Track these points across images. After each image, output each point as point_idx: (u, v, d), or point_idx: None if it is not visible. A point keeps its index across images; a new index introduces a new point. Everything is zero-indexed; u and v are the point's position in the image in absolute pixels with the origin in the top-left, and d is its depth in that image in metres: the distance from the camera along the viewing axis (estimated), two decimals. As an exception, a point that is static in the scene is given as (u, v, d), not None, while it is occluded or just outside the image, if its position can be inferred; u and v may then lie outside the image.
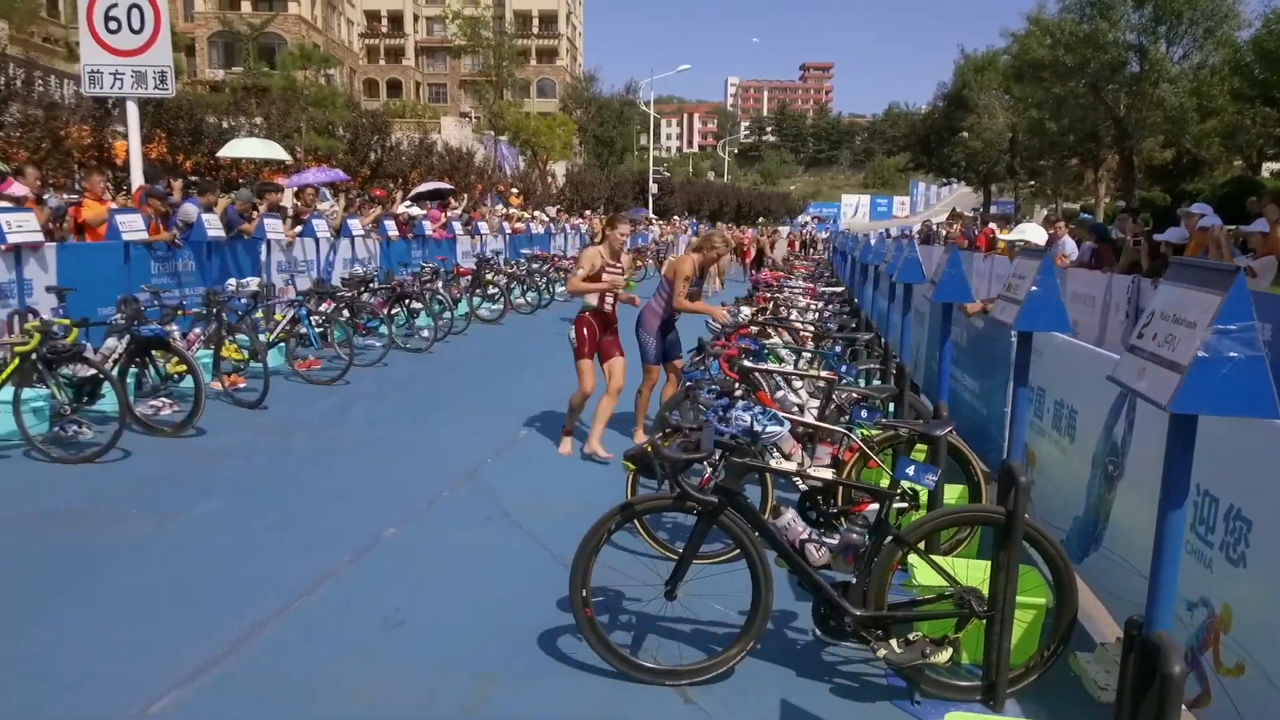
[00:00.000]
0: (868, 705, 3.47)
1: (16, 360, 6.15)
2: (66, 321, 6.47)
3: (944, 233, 28.91)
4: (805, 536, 3.41)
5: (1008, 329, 3.58)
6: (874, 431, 4.93)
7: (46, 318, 6.23)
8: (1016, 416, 3.45)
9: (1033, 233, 6.84)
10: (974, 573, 3.78)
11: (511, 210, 23.35)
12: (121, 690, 3.39)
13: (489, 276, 15.97)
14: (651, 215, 43.49)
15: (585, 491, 6.01)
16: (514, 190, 30.18)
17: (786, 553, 3.40)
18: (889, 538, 3.38)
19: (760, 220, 63.54)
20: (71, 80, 19.90)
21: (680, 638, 3.88)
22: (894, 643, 3.31)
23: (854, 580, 3.39)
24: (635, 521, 4.46)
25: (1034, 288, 3.20)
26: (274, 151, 16.09)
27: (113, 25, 11.84)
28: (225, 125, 19.69)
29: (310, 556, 4.76)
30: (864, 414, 4.64)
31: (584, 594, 3.44)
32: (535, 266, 17.90)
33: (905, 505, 4.04)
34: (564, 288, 19.24)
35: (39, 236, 7.50)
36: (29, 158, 13.89)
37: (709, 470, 4.37)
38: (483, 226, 19.16)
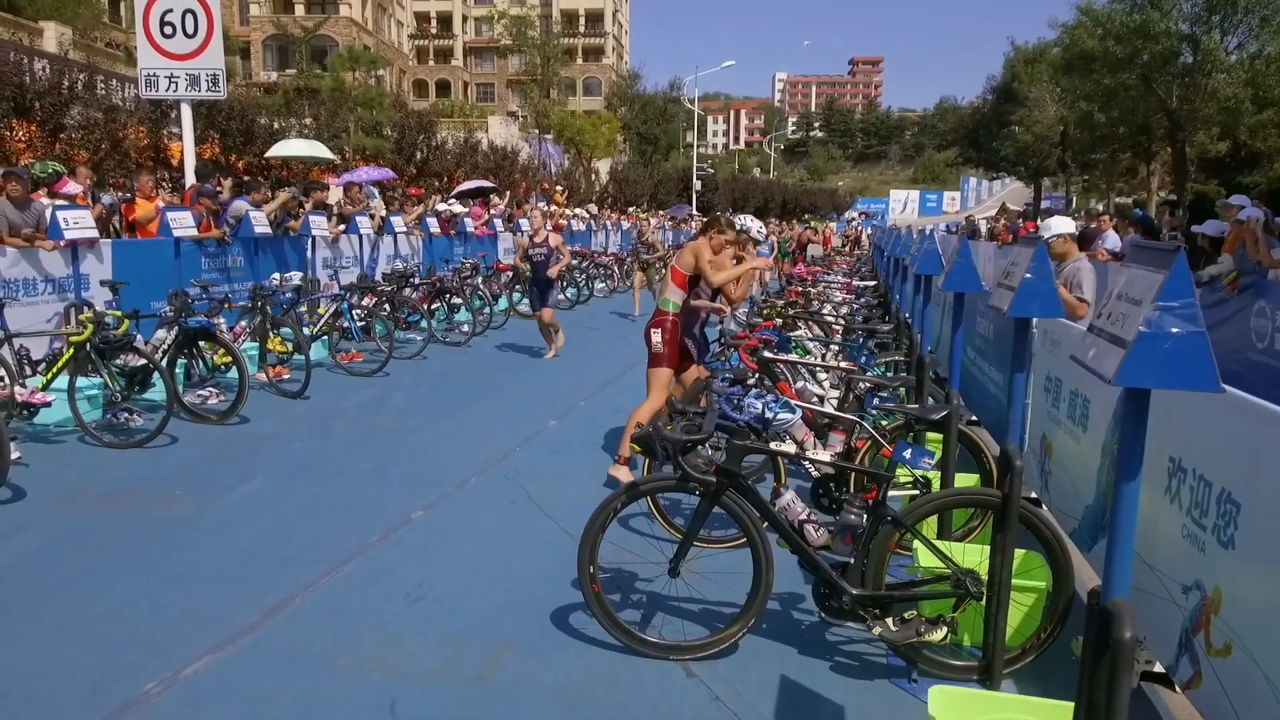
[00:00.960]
0: (866, 683, 3.57)
1: (71, 350, 6.49)
2: (119, 314, 6.81)
3: (991, 228, 28.54)
4: (804, 517, 3.52)
5: (999, 314, 3.64)
6: (889, 420, 5.02)
7: (100, 310, 6.57)
8: (1013, 402, 3.52)
9: (1060, 225, 6.81)
10: (971, 556, 3.86)
11: (554, 208, 23.61)
12: (163, 654, 3.64)
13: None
14: (695, 212, 43.56)
15: (605, 482, 6.17)
16: (559, 188, 30.51)
17: (786, 532, 3.51)
18: (886, 519, 3.48)
19: (806, 216, 63.20)
20: (131, 84, 20.62)
21: (684, 615, 4.02)
22: (889, 621, 3.41)
23: (852, 560, 3.50)
24: (649, 504, 4.62)
25: (1027, 274, 3.27)
26: (319, 151, 16.53)
27: (168, 30, 12.28)
28: (276, 126, 20.24)
29: (342, 535, 4.99)
30: (875, 401, 4.72)
31: (591, 570, 3.60)
32: (576, 263, 18.11)
33: (916, 493, 4.14)
34: (603, 285, 19.46)
35: (94, 233, 7.88)
36: (89, 159, 14.48)
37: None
38: (524, 224, 19.41)
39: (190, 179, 12.07)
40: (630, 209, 33.28)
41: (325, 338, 10.00)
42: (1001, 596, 3.43)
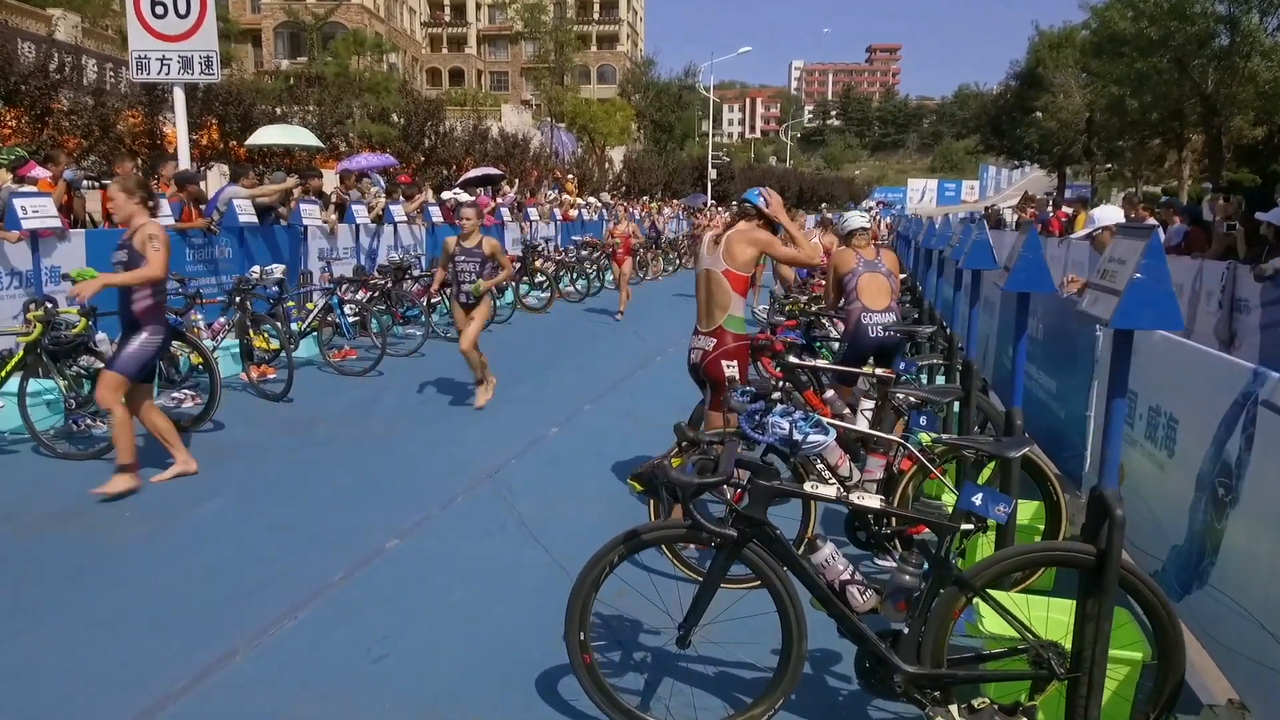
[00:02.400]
0: (922, 777, 2.89)
1: (21, 353, 5.87)
2: (74, 311, 6.18)
3: (1016, 217, 27.58)
4: (847, 577, 2.83)
5: (1100, 324, 2.93)
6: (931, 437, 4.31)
7: (51, 307, 5.94)
8: (1110, 434, 2.81)
9: (1110, 215, 6.04)
10: (1053, 615, 3.15)
11: (565, 196, 22.92)
12: (60, 732, 3.00)
13: (536, 264, 15.56)
14: (711, 201, 42.73)
15: (609, 500, 5.49)
16: (569, 177, 29.76)
17: (824, 595, 2.82)
18: (950, 580, 2.78)
19: (823, 205, 62.14)
20: (106, 63, 20.01)
21: (698, 684, 3.34)
22: (954, 710, 2.72)
23: (906, 630, 2.80)
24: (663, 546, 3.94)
25: (1137, 275, 2.54)
26: (302, 137, 15.86)
27: (159, 10, 11.63)
28: (280, 112, 19.60)
29: (303, 569, 4.34)
30: (923, 420, 4.02)
31: (582, 637, 2.92)
32: (585, 254, 17.42)
33: (970, 527, 3.44)
34: (614, 275, 18.75)
35: (56, 222, 7.25)
36: (79, 144, 13.88)
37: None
38: (532, 213, 18.76)
39: (185, 165, 11.45)
40: (644, 198, 32.51)
41: (315, 334, 9.37)
42: (1094, 678, 2.74)
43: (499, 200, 17.84)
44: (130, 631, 3.71)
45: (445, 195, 15.92)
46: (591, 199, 24.52)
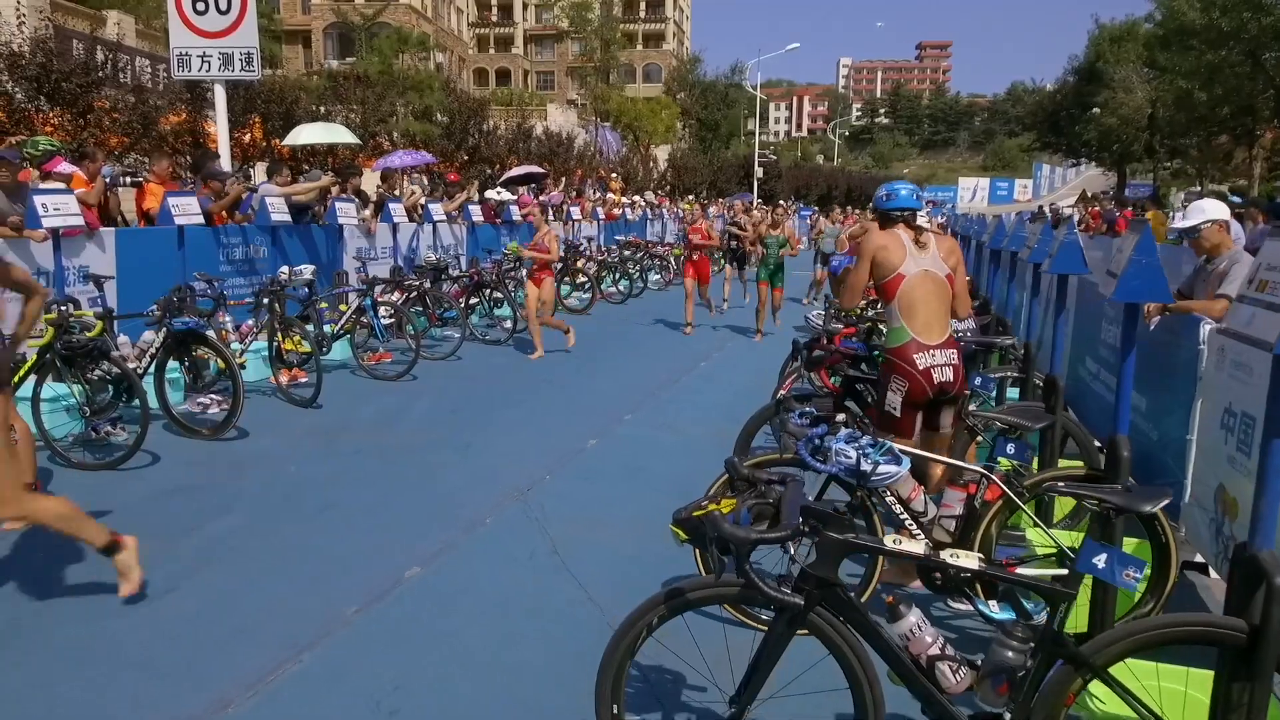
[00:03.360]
0: None
1: (34, 356, 5.59)
2: (90, 314, 5.89)
3: (1075, 216, 26.57)
4: (937, 651, 2.33)
5: (1264, 348, 2.39)
6: (1012, 464, 3.77)
7: (65, 310, 5.65)
8: (1268, 481, 2.27)
9: (1217, 210, 5.39)
10: (1190, 691, 2.63)
11: (609, 195, 22.51)
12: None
13: (578, 264, 15.17)
14: (756, 199, 42.05)
15: (648, 525, 4.99)
16: (614, 175, 29.38)
17: (908, 671, 2.33)
18: (1064, 657, 2.27)
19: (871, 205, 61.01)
20: (148, 60, 20.02)
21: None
22: (1070, 819, 2.21)
23: (1009, 716, 2.30)
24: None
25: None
26: (340, 135, 15.64)
27: (200, 6, 11.47)
28: (323, 110, 19.48)
29: (312, 601, 3.95)
30: (1010, 449, 3.50)
31: (615, 710, 2.47)
32: (628, 254, 16.98)
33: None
34: (658, 277, 18.26)
35: (78, 220, 6.99)
36: (121, 142, 13.81)
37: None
38: (575, 212, 18.38)
39: (226, 163, 11.26)
40: (690, 197, 32.00)
41: (348, 337, 9.04)
42: (1244, 781, 2.22)
43: (543, 198, 17.47)
44: (115, 669, 3.35)
45: (488, 195, 15.59)
46: (637, 198, 24.09)
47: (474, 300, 11.74)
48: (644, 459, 6.33)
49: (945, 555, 2.34)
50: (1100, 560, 2.22)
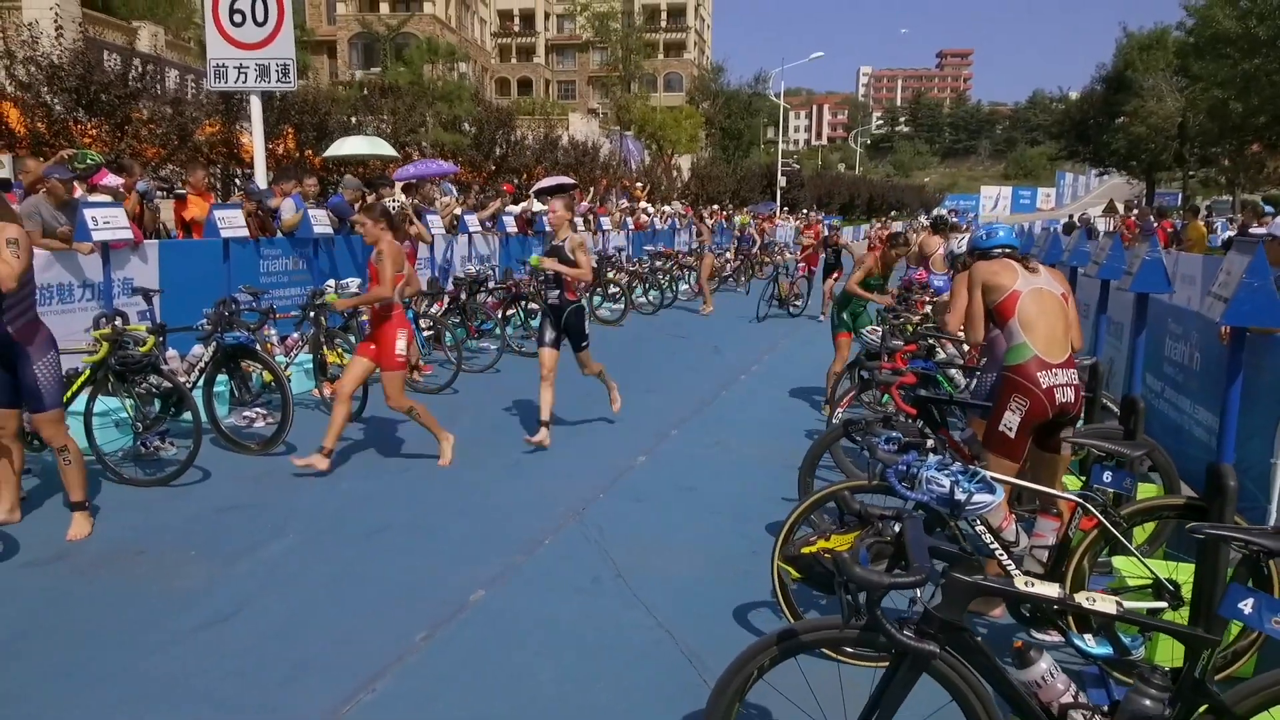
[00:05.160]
0: None
1: (88, 371, 5.56)
2: (142, 329, 5.86)
3: (1107, 226, 26.25)
4: (1069, 700, 2.21)
5: None
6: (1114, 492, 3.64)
7: (119, 324, 5.61)
8: None
9: (1287, 226, 5.25)
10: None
11: (642, 204, 22.43)
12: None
13: (610, 275, 15.10)
14: (779, 208, 41.89)
15: (709, 550, 4.92)
16: (639, 185, 29.32)
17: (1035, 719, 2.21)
18: (1206, 705, 2.14)
19: (893, 213, 60.70)
20: (185, 73, 20.14)
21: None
22: None
23: (1145, 769, 2.17)
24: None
25: None
26: (380, 148, 15.65)
27: (237, 18, 11.48)
28: (354, 121, 19.52)
29: (378, 627, 3.87)
30: (1107, 477, 3.37)
31: (723, 756, 2.36)
32: (659, 264, 16.90)
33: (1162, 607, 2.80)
34: (687, 286, 18.17)
35: (127, 233, 6.98)
36: (157, 153, 13.87)
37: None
38: (605, 222, 18.33)
39: (260, 174, 11.27)
40: (714, 206, 31.88)
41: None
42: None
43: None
44: (185, 703, 3.27)
45: (520, 206, 15.57)
46: (665, 208, 24.01)
47: (509, 312, 11.68)
48: (695, 477, 6.22)
49: (1080, 599, 2.22)
50: (1247, 606, 2.10)
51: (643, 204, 23.04)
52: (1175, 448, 5.74)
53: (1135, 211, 20.48)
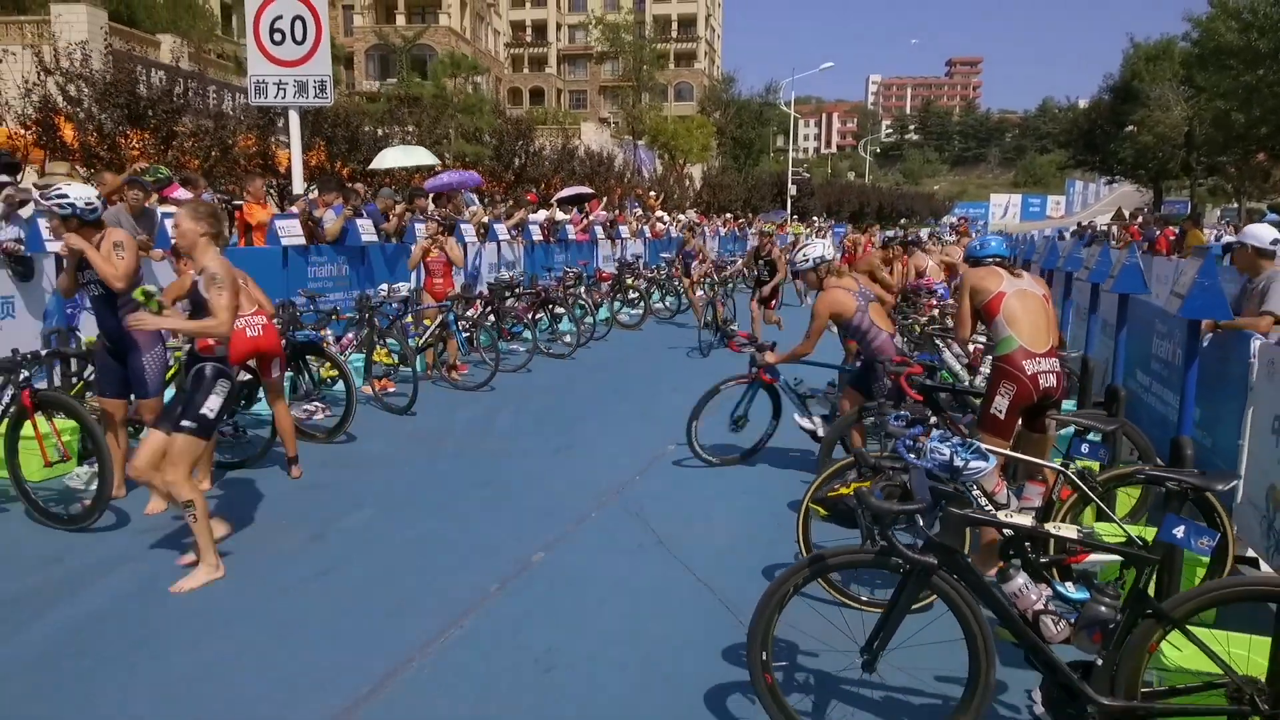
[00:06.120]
0: (1112, 813, 2.85)
1: (176, 365, 6.21)
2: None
3: (1114, 231, 26.78)
4: (1040, 607, 2.82)
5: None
6: (1089, 465, 4.24)
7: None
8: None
9: (1252, 235, 5.84)
10: (1251, 655, 3.08)
11: (657, 213, 23.09)
12: (265, 729, 3.18)
13: (629, 281, 15.74)
14: (790, 216, 42.50)
15: (742, 518, 5.56)
16: (652, 194, 30.00)
17: (1016, 625, 2.82)
18: (1148, 612, 2.75)
19: (903, 221, 61.22)
20: (239, 93, 20.89)
21: (879, 708, 3.35)
22: (1154, 743, 2.68)
23: (1100, 661, 2.78)
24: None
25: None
26: (420, 157, 16.34)
27: (277, 37, 12.14)
28: (380, 133, 20.24)
29: (457, 580, 4.50)
30: (1084, 448, 3.96)
31: (764, 657, 2.97)
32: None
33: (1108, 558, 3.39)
34: (702, 293, 18.79)
35: (204, 242, 7.63)
36: (199, 165, 14.59)
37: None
38: (624, 230, 18.98)
39: (298, 186, 11.95)
40: (726, 215, 32.54)
41: (431, 349, 9.64)
42: (1300, 717, 2.67)
43: (591, 218, 18.10)
44: (308, 639, 3.89)
45: (542, 214, 16.22)
46: (681, 216, 24.66)
47: (537, 316, 12.32)
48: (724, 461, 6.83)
49: (1049, 527, 2.84)
50: (1179, 531, 2.70)
51: (658, 213, 23.69)
52: (1162, 435, 6.32)
53: (1139, 220, 21.03)
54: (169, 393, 6.37)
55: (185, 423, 4.40)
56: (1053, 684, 2.86)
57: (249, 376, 6.45)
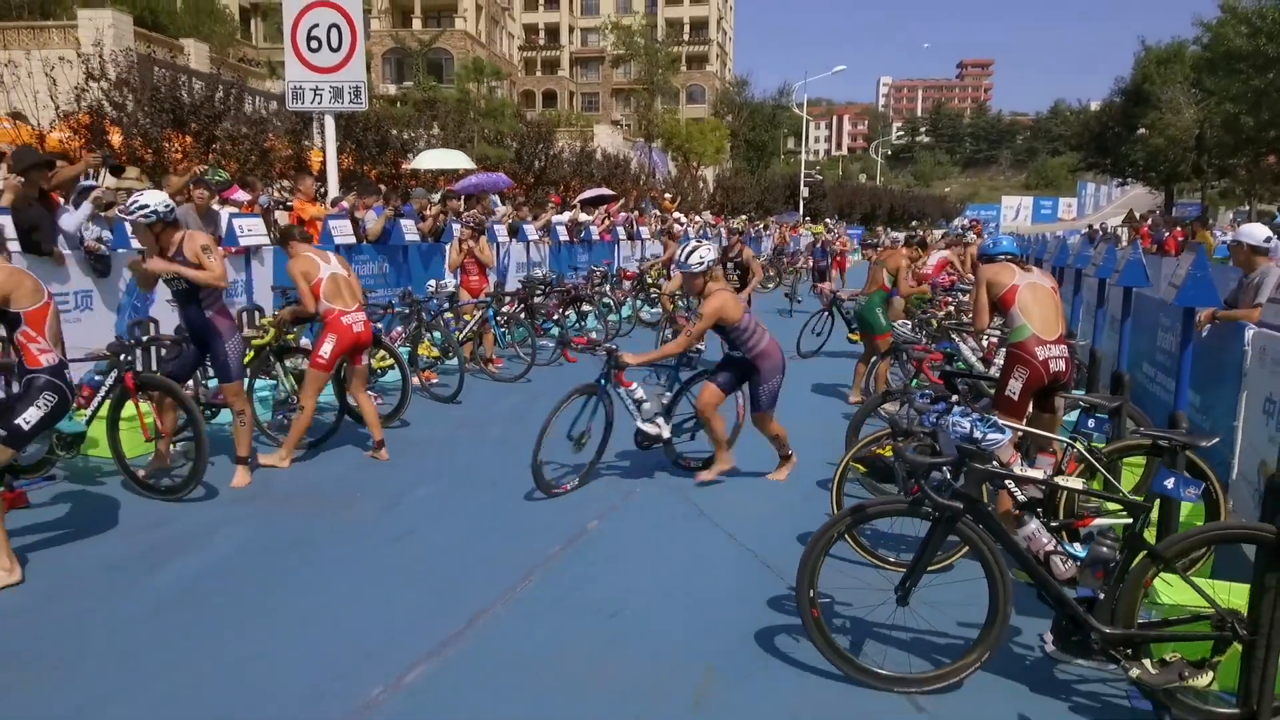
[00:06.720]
0: (1112, 727, 3.32)
1: (252, 353, 6.73)
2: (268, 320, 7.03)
3: (1123, 234, 27.13)
4: (1051, 548, 3.29)
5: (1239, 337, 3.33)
6: (1098, 445, 4.70)
7: (278, 315, 6.79)
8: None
9: (1247, 234, 6.30)
10: (1223, 595, 3.54)
11: (675, 215, 23.60)
12: (378, 660, 3.67)
13: (650, 280, 16.21)
14: (802, 217, 42.95)
15: (774, 494, 6.04)
16: (667, 196, 30.50)
17: (1029, 565, 3.29)
18: (1143, 553, 3.22)
19: (914, 224, 61.49)
20: (262, 97, 21.46)
21: (906, 647, 3.83)
22: (1148, 663, 3.15)
23: (1101, 596, 3.25)
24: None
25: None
26: (458, 160, 16.88)
27: (314, 44, 12.65)
28: (406, 136, 20.78)
29: (523, 544, 4.99)
30: (1090, 423, 4.43)
31: (811, 594, 3.45)
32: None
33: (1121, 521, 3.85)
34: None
35: (266, 239, 8.18)
36: (238, 168, 15.14)
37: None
38: (644, 231, 19.48)
39: (333, 189, 12.47)
40: (741, 216, 33.02)
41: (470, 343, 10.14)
42: (1272, 639, 3.13)
43: (613, 219, 18.61)
44: (399, 588, 4.39)
45: (567, 215, 16.73)
46: (697, 217, 25.14)
47: (566, 312, 12.82)
48: (752, 445, 7.28)
49: (1058, 480, 3.31)
50: (1169, 482, 3.17)
51: (675, 214, 24.19)
52: (1165, 421, 6.78)
53: (1149, 221, 21.42)
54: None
55: None
56: (1062, 616, 3.33)
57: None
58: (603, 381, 6.09)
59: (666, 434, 6.22)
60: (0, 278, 4.24)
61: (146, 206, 5.58)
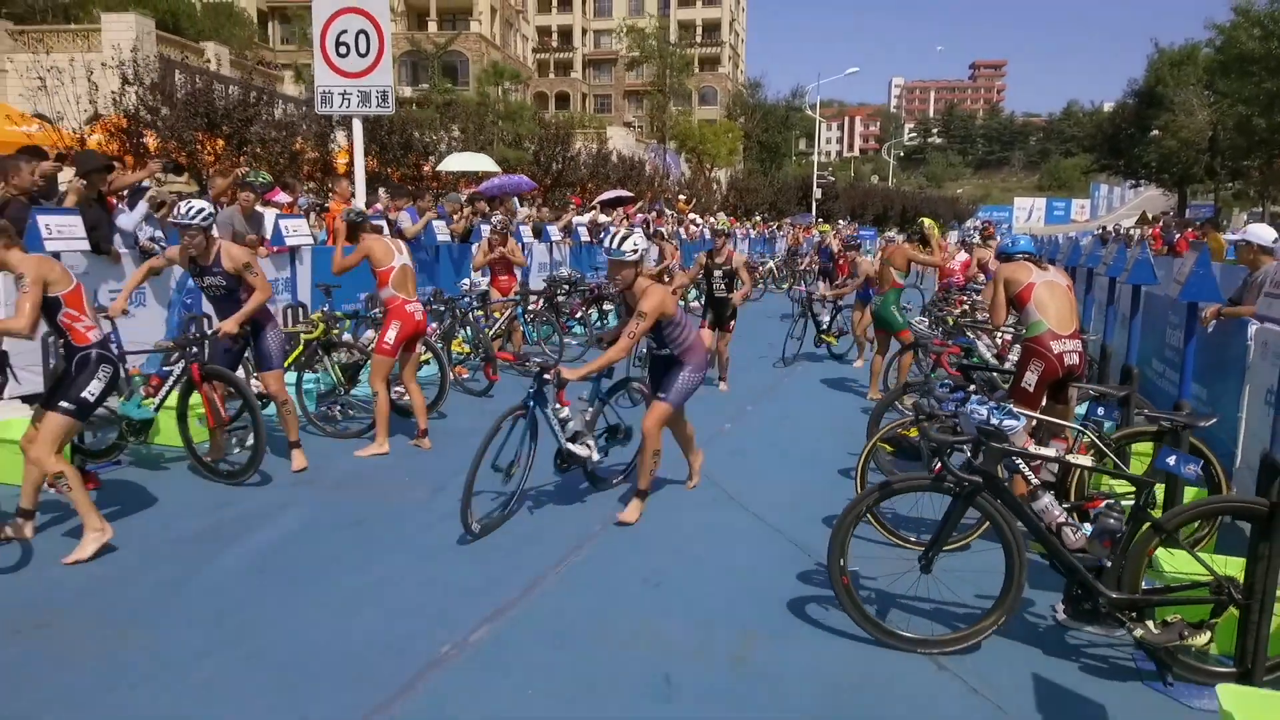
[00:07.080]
0: (1118, 684, 3.63)
1: (302, 346, 7.09)
2: (341, 314, 7.39)
3: (1137, 234, 27.32)
4: (1062, 520, 3.61)
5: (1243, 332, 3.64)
6: (1108, 433, 5.00)
7: (325, 310, 7.16)
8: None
9: (1254, 234, 6.62)
10: (1221, 567, 3.85)
11: (690, 216, 23.95)
12: (445, 622, 4.02)
13: (665, 279, 16.58)
14: (815, 218, 43.19)
15: (799, 480, 6.36)
16: (681, 197, 30.84)
17: (1043, 535, 3.60)
18: (1147, 524, 3.53)
19: (918, 221, 61.51)
20: (281, 99, 21.86)
21: (928, 612, 4.15)
22: (1151, 624, 3.46)
23: (1109, 564, 3.56)
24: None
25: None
26: (484, 163, 17.27)
27: (342, 50, 13.01)
28: (429, 139, 21.17)
29: (566, 522, 5.34)
30: (1100, 411, 4.73)
31: (841, 563, 3.78)
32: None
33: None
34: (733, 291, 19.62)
35: (309, 239, 8.56)
36: (270, 172, 15.56)
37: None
38: (663, 230, 19.80)
39: (361, 192, 12.84)
40: (756, 217, 33.33)
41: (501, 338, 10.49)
42: (1265, 603, 3.44)
43: (632, 220, 18.95)
44: (454, 561, 4.75)
45: (587, 216, 17.09)
46: (711, 219, 25.47)
47: (589, 310, 13.16)
48: (773, 437, 7.64)
49: (1070, 458, 3.63)
50: (1171, 460, 3.48)
51: (690, 215, 24.52)
52: (1172, 409, 7.07)
53: (1160, 223, 21.65)
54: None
55: (64, 404, 4.60)
56: (1073, 584, 3.64)
57: (360, 358, 7.31)
58: (531, 403, 5.49)
59: (596, 456, 5.69)
60: (33, 265, 4.57)
61: (204, 210, 5.90)
